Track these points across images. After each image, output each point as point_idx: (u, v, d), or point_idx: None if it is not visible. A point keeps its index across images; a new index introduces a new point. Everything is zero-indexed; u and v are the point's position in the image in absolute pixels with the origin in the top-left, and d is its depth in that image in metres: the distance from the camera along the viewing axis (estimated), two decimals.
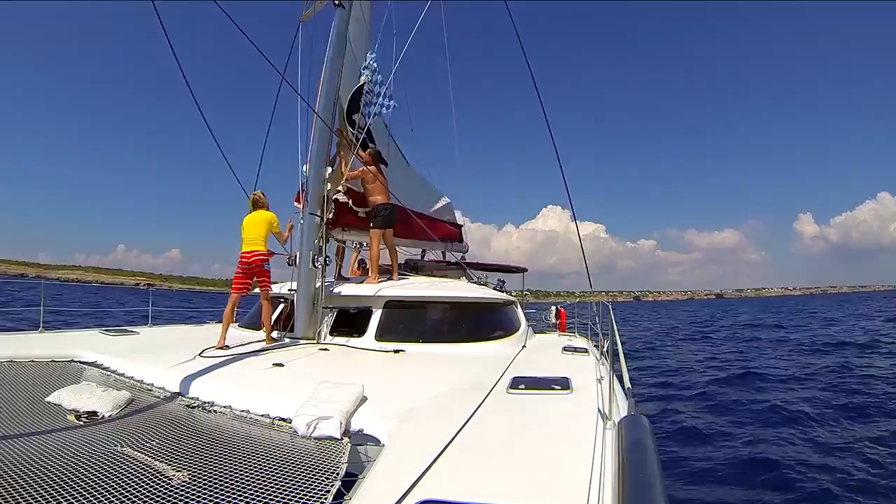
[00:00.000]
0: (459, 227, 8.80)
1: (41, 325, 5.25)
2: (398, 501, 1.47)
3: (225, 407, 2.75)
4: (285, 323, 5.26)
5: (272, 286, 5.15)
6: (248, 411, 2.67)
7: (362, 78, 6.08)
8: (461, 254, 8.65)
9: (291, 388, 2.95)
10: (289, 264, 5.67)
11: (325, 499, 1.65)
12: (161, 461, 1.94)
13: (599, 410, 2.36)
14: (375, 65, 6.14)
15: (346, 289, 5.28)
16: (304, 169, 5.38)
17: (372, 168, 5.74)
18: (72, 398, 2.69)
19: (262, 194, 4.98)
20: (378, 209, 5.67)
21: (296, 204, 5.79)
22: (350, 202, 5.72)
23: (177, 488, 1.70)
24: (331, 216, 5.38)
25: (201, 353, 3.97)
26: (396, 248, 6.34)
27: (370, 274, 5.65)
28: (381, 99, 6.04)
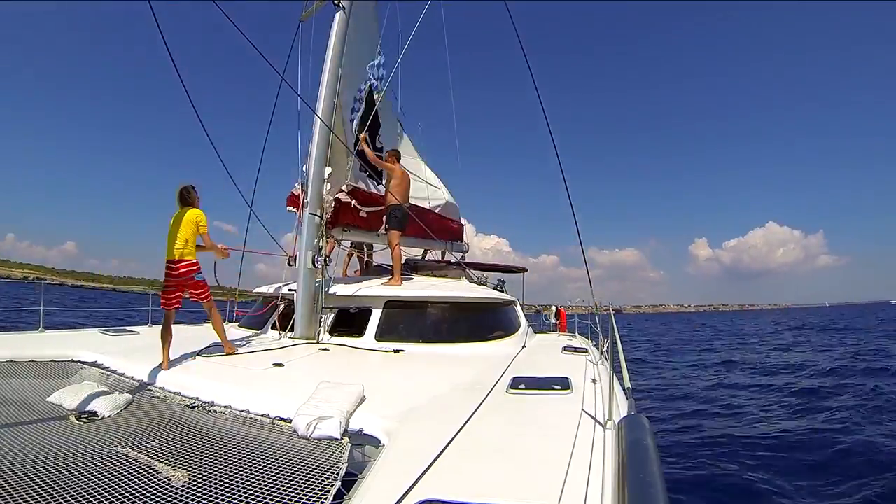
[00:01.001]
0: (461, 225, 8.79)
1: (41, 325, 5.25)
2: (398, 501, 1.47)
3: (225, 407, 2.75)
4: (285, 323, 5.26)
5: (270, 286, 5.15)
6: (248, 411, 2.67)
7: (368, 79, 6.12)
8: (461, 253, 8.65)
9: (291, 388, 2.95)
10: (289, 264, 5.68)
11: (325, 499, 1.65)
12: (161, 461, 1.94)
13: (599, 410, 2.36)
14: (380, 71, 6.17)
15: (346, 289, 5.28)
16: (304, 169, 5.38)
17: (400, 168, 5.88)
18: (72, 398, 2.69)
19: (193, 188, 3.98)
20: (392, 210, 5.72)
21: (288, 208, 5.79)
22: (353, 201, 5.66)
23: (177, 488, 1.70)
24: (330, 215, 5.36)
25: (201, 352, 3.96)
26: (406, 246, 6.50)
27: (393, 276, 5.57)
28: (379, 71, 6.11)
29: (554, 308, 8.26)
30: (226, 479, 1.79)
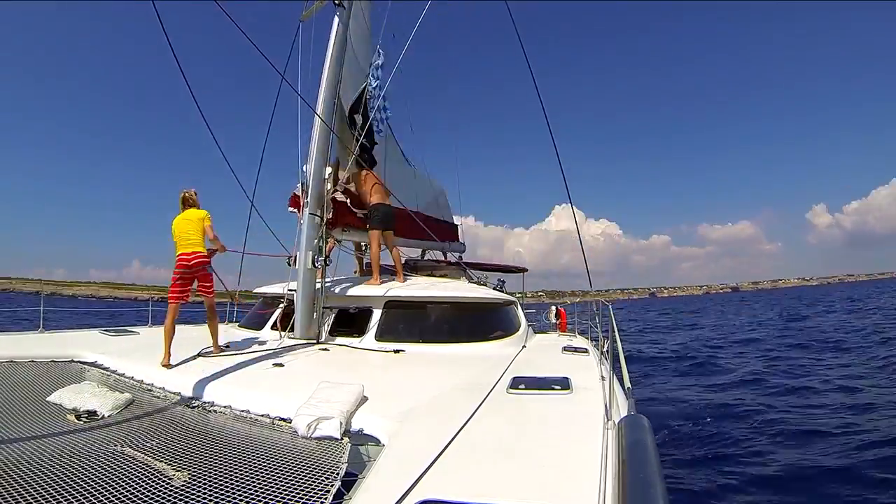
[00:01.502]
0: (455, 226, 8.80)
1: (41, 325, 5.26)
2: (398, 501, 1.47)
3: (225, 407, 2.75)
4: (285, 323, 5.26)
5: (270, 286, 5.14)
6: (248, 411, 2.67)
7: (368, 81, 6.13)
8: (459, 253, 8.65)
9: (291, 388, 2.95)
10: (289, 264, 5.68)
11: (325, 499, 1.65)
12: (161, 461, 1.94)
13: (599, 410, 2.36)
14: (379, 71, 6.18)
15: (347, 289, 5.28)
16: (304, 169, 5.38)
17: (364, 171, 6.02)
18: (72, 398, 2.69)
19: (195, 193, 4.37)
20: (371, 210, 5.78)
21: (290, 209, 5.79)
22: (348, 201, 5.68)
23: (177, 488, 1.70)
24: (330, 216, 5.37)
25: (201, 353, 3.96)
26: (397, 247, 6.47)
27: (373, 275, 5.66)
28: (383, 110, 6.19)
29: (554, 308, 8.25)
30: (226, 479, 1.79)
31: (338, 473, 1.85)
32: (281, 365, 3.61)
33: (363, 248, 7.54)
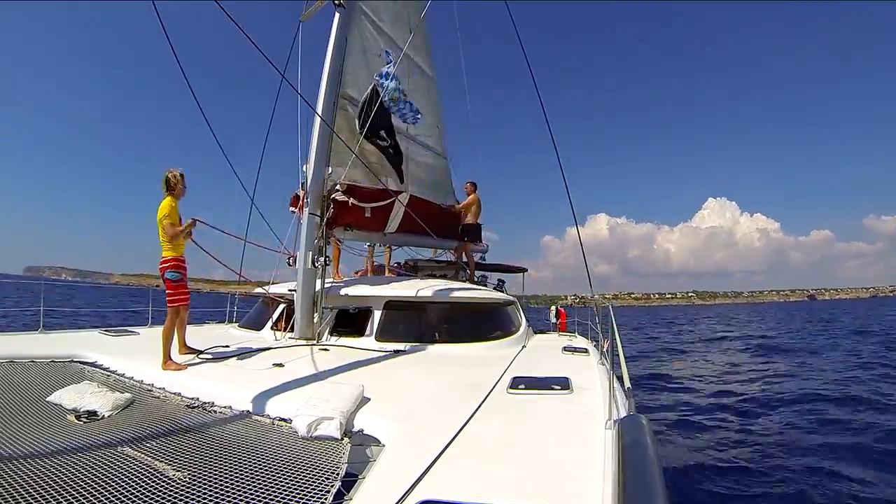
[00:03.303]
0: (479, 225, 8.65)
1: (41, 325, 5.26)
2: (398, 501, 1.47)
3: (225, 407, 2.75)
4: (285, 323, 5.26)
5: (271, 286, 5.14)
6: (248, 411, 2.67)
7: (389, 84, 6.17)
8: (481, 254, 8.55)
9: (291, 388, 2.95)
10: (289, 264, 5.67)
11: (325, 499, 1.65)
12: (161, 461, 1.94)
13: (599, 410, 2.36)
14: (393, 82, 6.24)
15: (346, 289, 5.28)
16: (304, 169, 5.38)
17: (475, 196, 7.46)
18: (72, 398, 2.69)
19: (181, 175, 3.94)
20: (465, 228, 7.26)
21: (291, 209, 5.79)
22: (351, 200, 5.64)
23: (177, 488, 1.70)
24: (330, 215, 5.35)
25: (201, 353, 3.97)
26: (412, 247, 7.54)
27: (470, 276, 7.02)
28: (409, 111, 6.34)
29: (554, 308, 8.25)
30: (226, 479, 1.79)
31: (338, 473, 1.85)
32: (281, 365, 3.61)
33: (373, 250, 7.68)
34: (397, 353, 4.40)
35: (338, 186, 5.46)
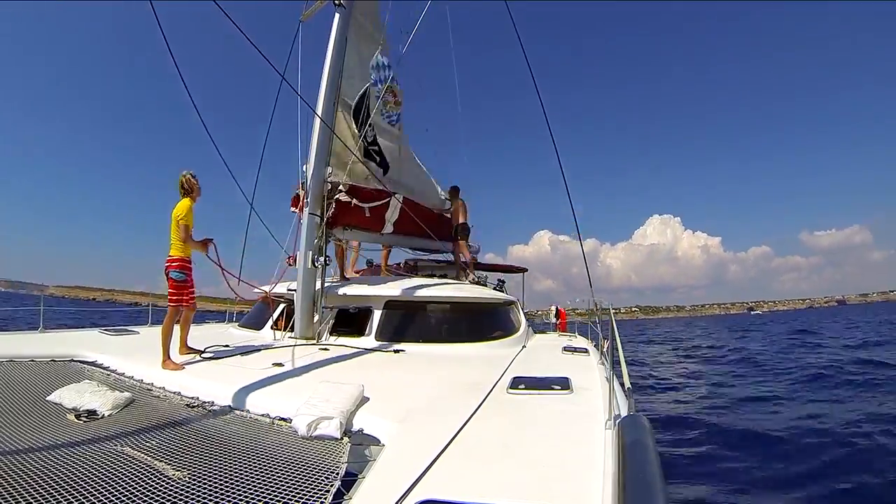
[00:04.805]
0: (468, 226, 8.69)
1: (41, 325, 5.26)
2: (398, 501, 1.47)
3: (225, 407, 2.75)
4: (285, 323, 5.26)
5: (271, 286, 5.13)
6: (248, 411, 2.67)
7: (372, 76, 6.17)
8: (473, 254, 8.57)
9: (291, 388, 2.95)
10: (289, 264, 5.67)
11: (325, 499, 1.64)
12: (161, 461, 1.94)
13: (599, 410, 2.36)
14: (387, 71, 6.24)
15: (346, 289, 5.28)
16: (304, 169, 5.38)
17: (459, 202, 7.66)
18: (72, 397, 2.69)
19: (192, 176, 3.96)
20: (458, 227, 7.38)
21: (292, 209, 5.79)
22: (353, 201, 5.63)
23: (177, 488, 1.70)
24: (330, 215, 5.35)
25: (201, 352, 3.97)
26: (404, 249, 7.41)
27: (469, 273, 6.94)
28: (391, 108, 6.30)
29: (554, 308, 8.26)
30: (226, 479, 1.79)
31: (338, 473, 1.85)
32: (281, 365, 3.61)
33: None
34: (397, 352, 4.40)
35: (341, 187, 5.47)
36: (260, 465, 1.93)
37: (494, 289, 7.18)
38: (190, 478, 1.79)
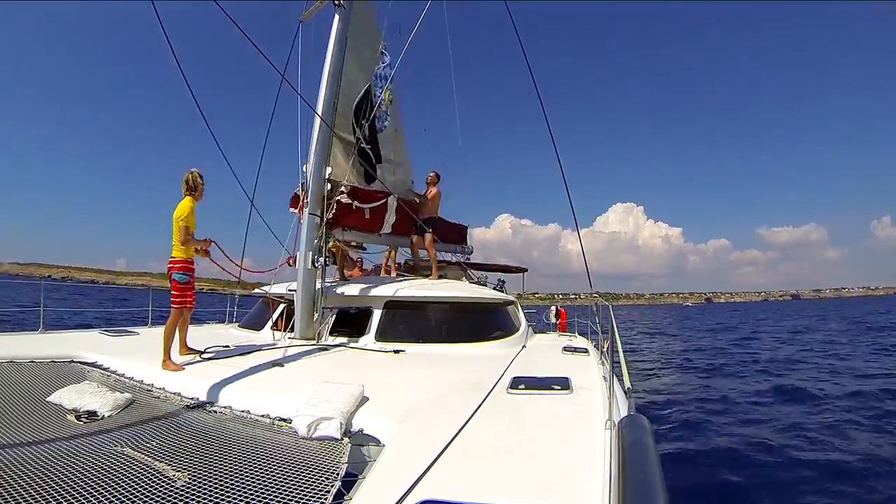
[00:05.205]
0: (465, 228, 8.65)
1: (41, 325, 5.26)
2: (398, 501, 1.47)
3: (225, 407, 2.75)
4: (285, 323, 5.26)
5: (271, 286, 5.12)
6: (248, 411, 2.67)
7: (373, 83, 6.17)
8: (466, 256, 8.58)
9: (291, 388, 2.95)
10: (289, 265, 5.66)
11: (325, 499, 1.64)
12: (161, 461, 1.94)
13: (599, 410, 2.36)
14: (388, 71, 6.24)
15: (346, 289, 5.27)
16: (304, 169, 5.38)
17: (435, 189, 6.95)
18: (72, 398, 2.69)
19: (199, 175, 3.92)
20: (426, 221, 6.58)
21: (291, 209, 5.78)
22: (354, 203, 5.63)
23: (177, 489, 1.70)
24: (330, 216, 5.35)
25: (201, 353, 3.97)
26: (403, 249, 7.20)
27: (433, 272, 6.43)
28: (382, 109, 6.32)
29: (554, 308, 8.25)
30: (226, 479, 1.79)
31: (338, 473, 1.85)
32: (281, 365, 3.61)
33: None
34: (397, 352, 4.40)
35: (342, 188, 5.46)
36: (260, 465, 1.93)
37: (494, 289, 7.17)
38: (190, 478, 1.79)
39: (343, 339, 4.81)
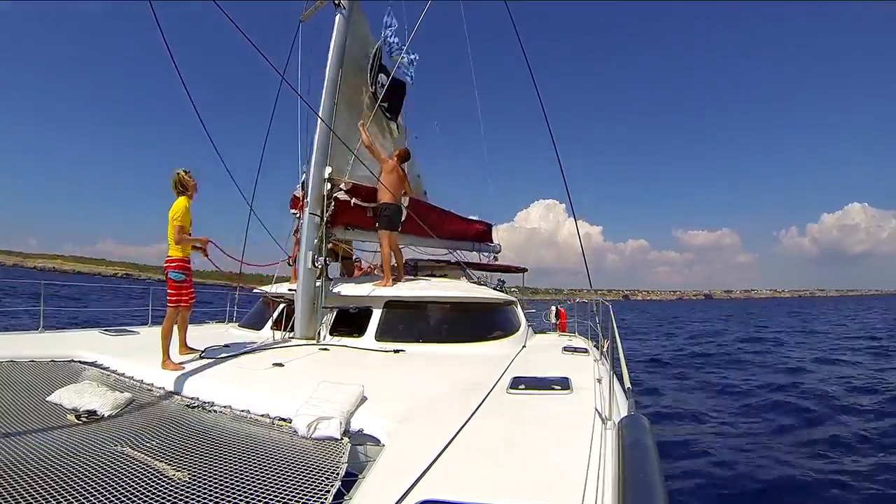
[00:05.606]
0: (490, 225, 8.37)
1: (41, 325, 5.26)
2: (398, 501, 1.47)
3: (225, 407, 2.75)
4: (285, 323, 5.26)
5: (271, 286, 5.11)
6: (248, 411, 2.67)
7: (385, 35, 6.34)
8: (494, 254, 8.43)
9: (291, 388, 2.95)
10: (289, 264, 5.67)
11: (325, 499, 1.64)
12: (161, 461, 1.94)
13: (599, 410, 2.36)
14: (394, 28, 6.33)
15: (346, 289, 5.27)
16: (304, 169, 5.38)
17: (392, 161, 5.58)
18: (72, 398, 2.69)
19: (185, 173, 3.85)
20: (381, 209, 5.46)
21: (291, 210, 5.77)
22: (353, 200, 5.58)
23: (177, 488, 1.70)
24: (329, 215, 5.34)
25: (201, 352, 3.97)
26: (424, 248, 6.94)
27: (384, 276, 5.41)
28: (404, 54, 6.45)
29: (554, 308, 8.23)
30: (226, 479, 1.79)
31: (338, 473, 1.85)
32: (281, 365, 3.61)
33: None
34: (397, 352, 4.40)
35: (342, 185, 5.44)
36: (260, 465, 1.93)
37: (494, 289, 7.16)
38: (190, 478, 1.79)
39: (343, 339, 4.81)
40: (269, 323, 5.43)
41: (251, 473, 1.84)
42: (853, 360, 13.53)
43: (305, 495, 1.66)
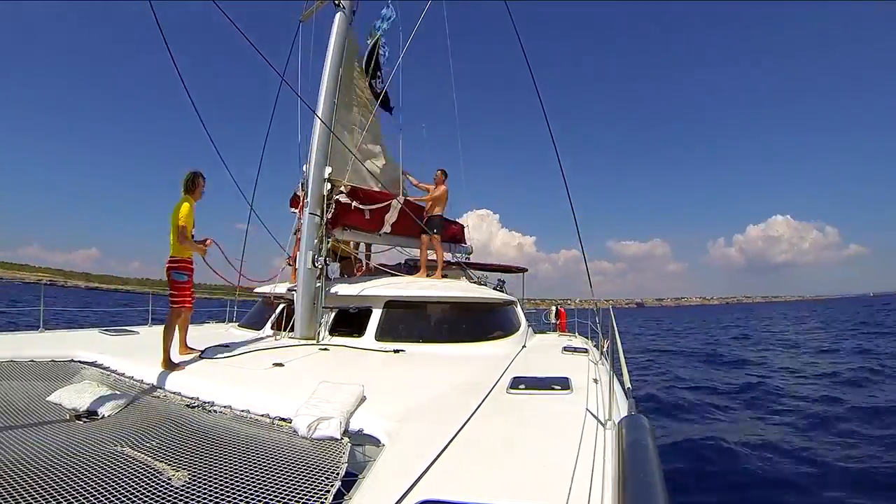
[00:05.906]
0: (462, 227, 8.56)
1: (41, 325, 5.26)
2: (398, 501, 1.47)
3: (225, 407, 2.74)
4: (285, 323, 5.26)
5: (271, 286, 5.10)
6: (248, 411, 2.67)
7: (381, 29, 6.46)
8: (466, 255, 8.52)
9: (291, 388, 2.95)
10: (289, 264, 5.66)
11: (325, 499, 1.64)
12: (161, 461, 1.94)
13: (599, 410, 2.36)
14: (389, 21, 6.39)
15: (346, 289, 5.27)
16: (304, 169, 5.38)
17: (443, 188, 6.65)
18: (72, 398, 2.70)
19: (199, 175, 3.92)
20: (430, 220, 6.45)
21: (291, 209, 5.77)
22: (353, 203, 5.61)
23: (177, 488, 1.70)
24: (330, 216, 5.35)
25: (201, 353, 3.97)
26: (401, 248, 7.20)
27: (436, 272, 6.39)
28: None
29: (554, 308, 8.25)
30: (226, 479, 1.79)
31: (338, 473, 1.85)
32: (281, 365, 3.61)
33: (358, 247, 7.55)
34: (397, 352, 4.40)
35: (342, 188, 5.45)
36: (260, 465, 1.93)
37: (494, 289, 7.16)
38: (190, 478, 1.79)
39: (343, 339, 4.81)
40: (269, 323, 5.43)
41: (251, 473, 1.84)
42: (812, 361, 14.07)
43: (305, 495, 1.66)
